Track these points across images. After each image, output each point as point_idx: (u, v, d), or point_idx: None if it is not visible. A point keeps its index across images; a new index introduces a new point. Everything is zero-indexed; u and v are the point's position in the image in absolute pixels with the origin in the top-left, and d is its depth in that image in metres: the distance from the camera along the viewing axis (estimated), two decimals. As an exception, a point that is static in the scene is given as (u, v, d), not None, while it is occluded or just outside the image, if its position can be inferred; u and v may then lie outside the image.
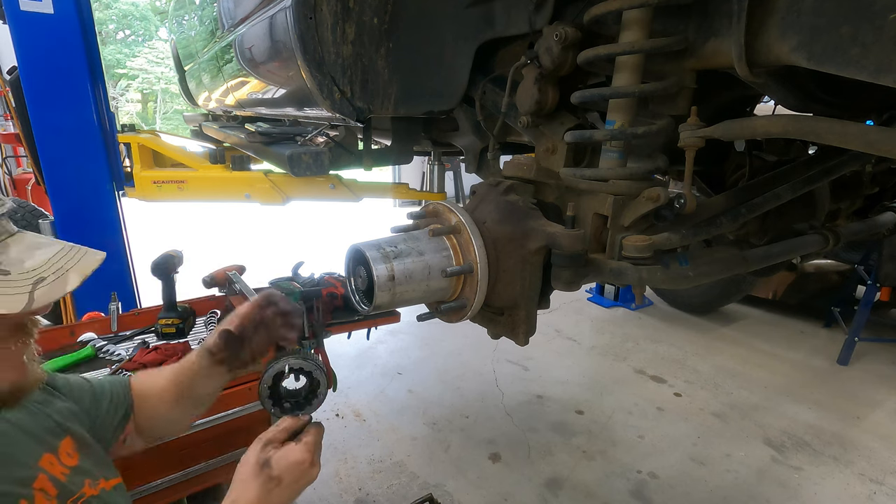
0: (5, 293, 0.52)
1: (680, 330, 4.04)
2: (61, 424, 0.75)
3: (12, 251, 0.56)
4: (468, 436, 2.59)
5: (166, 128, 15.69)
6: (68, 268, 0.57)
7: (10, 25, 1.62)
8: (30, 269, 0.55)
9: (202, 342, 0.90)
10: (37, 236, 0.61)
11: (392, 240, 0.87)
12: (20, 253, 0.56)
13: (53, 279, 0.56)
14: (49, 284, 0.55)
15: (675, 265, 0.85)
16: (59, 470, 0.68)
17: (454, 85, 1.13)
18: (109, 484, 0.76)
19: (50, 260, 0.57)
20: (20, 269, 0.55)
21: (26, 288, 0.53)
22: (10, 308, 0.52)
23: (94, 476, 0.73)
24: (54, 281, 0.55)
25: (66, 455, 0.71)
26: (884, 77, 0.52)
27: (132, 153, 2.21)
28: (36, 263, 0.56)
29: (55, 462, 0.68)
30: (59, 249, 0.60)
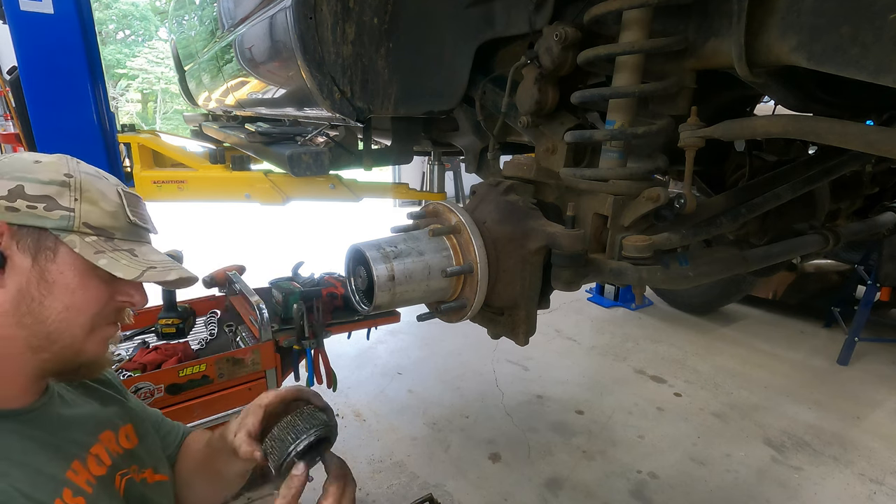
0: (129, 265, 0.69)
1: (680, 330, 4.04)
2: (128, 413, 0.85)
3: (145, 248, 0.74)
4: (468, 436, 2.59)
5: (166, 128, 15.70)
6: (173, 269, 0.74)
7: (10, 25, 1.62)
8: (150, 260, 0.72)
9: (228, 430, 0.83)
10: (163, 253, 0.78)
11: (392, 240, 0.87)
12: (148, 251, 0.74)
13: (161, 269, 0.72)
14: (157, 271, 0.71)
15: (675, 265, 0.85)
16: (114, 447, 0.77)
17: (454, 85, 1.12)
18: (155, 477, 0.82)
19: (164, 261, 0.74)
20: (143, 256, 0.72)
21: (142, 267, 0.70)
22: (126, 274, 0.67)
23: (143, 464, 0.81)
24: (161, 270, 0.72)
25: (125, 438, 0.81)
26: (884, 77, 0.52)
27: (132, 153, 2.21)
28: (155, 259, 0.73)
29: (113, 440, 0.78)
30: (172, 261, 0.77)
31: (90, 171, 0.71)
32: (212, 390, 1.56)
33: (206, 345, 1.80)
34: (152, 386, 1.44)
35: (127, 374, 1.47)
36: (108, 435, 0.77)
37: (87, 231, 0.67)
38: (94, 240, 0.67)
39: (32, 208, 0.63)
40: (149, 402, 1.44)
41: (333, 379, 1.88)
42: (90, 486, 0.68)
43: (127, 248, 0.71)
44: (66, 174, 0.67)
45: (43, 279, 0.65)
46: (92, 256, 0.66)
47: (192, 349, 1.70)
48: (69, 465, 0.67)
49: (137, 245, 0.73)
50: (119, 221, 0.71)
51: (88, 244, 0.67)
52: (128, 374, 1.47)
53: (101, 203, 0.69)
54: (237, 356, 1.60)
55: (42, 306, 0.65)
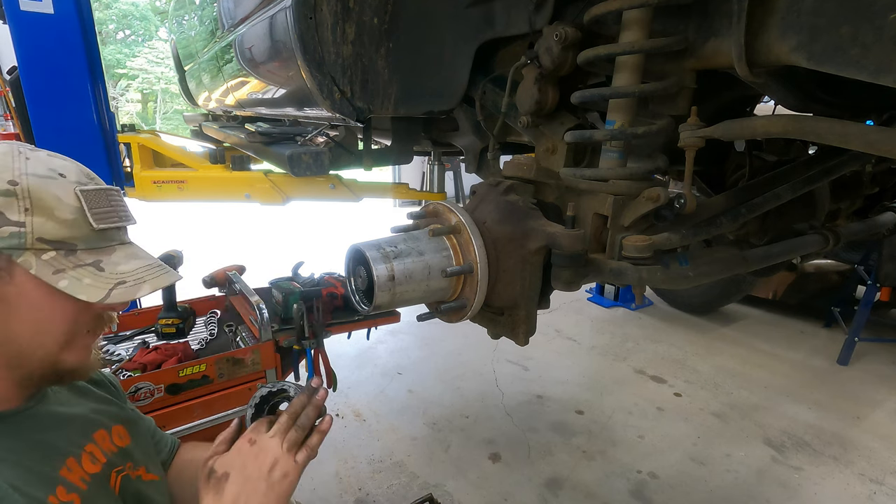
0: (92, 284, 0.62)
1: (680, 330, 4.04)
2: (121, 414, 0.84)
3: (115, 255, 0.67)
4: (468, 436, 2.59)
5: (166, 128, 15.70)
6: (146, 280, 0.67)
7: (10, 25, 1.62)
8: (119, 272, 0.65)
9: None
10: (140, 250, 0.71)
11: (392, 240, 0.87)
12: (119, 258, 0.67)
13: (131, 284, 0.65)
14: (126, 287, 0.65)
15: (675, 265, 0.85)
16: (108, 446, 0.76)
17: (454, 85, 1.13)
18: (148, 476, 0.81)
19: (137, 269, 0.67)
20: (112, 270, 0.65)
21: (108, 285, 0.63)
22: (89, 297, 0.62)
23: (136, 462, 0.80)
24: (131, 286, 0.65)
25: (118, 437, 0.79)
26: (884, 77, 0.52)
27: (132, 153, 2.21)
28: (126, 269, 0.66)
29: (107, 438, 0.77)
30: (149, 264, 0.69)
31: (40, 172, 0.61)
32: (212, 390, 1.56)
33: (206, 345, 1.80)
34: (152, 386, 1.44)
35: (127, 374, 1.47)
36: (101, 434, 0.76)
37: (43, 247, 0.60)
38: (52, 256, 0.61)
39: None
40: (149, 402, 1.44)
41: (333, 379, 1.88)
42: (84, 483, 0.67)
43: (91, 260, 0.64)
44: (10, 181, 0.58)
45: (3, 302, 0.60)
46: (50, 278, 0.60)
47: (192, 349, 1.70)
48: (63, 463, 0.67)
49: (105, 253, 0.66)
50: (80, 230, 0.63)
51: (46, 263, 0.60)
52: (128, 374, 1.47)
53: (56, 212, 0.60)
54: (237, 356, 1.60)
55: (8, 328, 0.61)
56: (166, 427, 1.46)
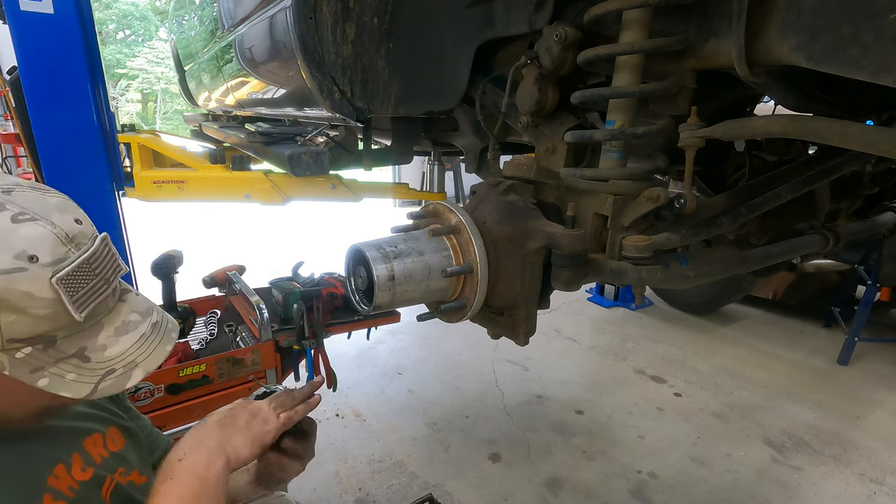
0: (77, 380, 0.57)
1: (680, 330, 4.04)
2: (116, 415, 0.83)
3: (102, 335, 0.60)
4: (468, 436, 2.59)
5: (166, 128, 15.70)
6: (138, 362, 0.62)
7: (10, 25, 1.62)
8: (106, 359, 0.59)
9: None
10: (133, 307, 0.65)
11: (392, 240, 0.87)
12: (107, 338, 0.60)
13: (121, 372, 0.60)
14: (115, 378, 0.59)
15: (675, 265, 0.85)
16: (100, 451, 0.74)
17: (454, 85, 1.13)
18: (140, 479, 0.80)
19: (127, 350, 0.61)
20: (99, 358, 0.59)
21: (95, 378, 0.58)
22: (76, 394, 0.56)
23: (129, 466, 0.79)
24: (121, 375, 0.60)
25: (111, 441, 0.77)
26: (884, 77, 0.52)
27: (132, 153, 2.21)
28: (115, 353, 0.60)
29: (100, 443, 0.75)
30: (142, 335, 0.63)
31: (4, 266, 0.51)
32: (212, 390, 1.56)
33: (206, 345, 1.80)
34: (152, 386, 1.44)
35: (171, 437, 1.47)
36: (94, 438, 0.74)
37: (16, 346, 0.54)
38: (28, 353, 0.54)
39: None
40: (149, 402, 1.44)
41: (333, 379, 1.88)
42: (72, 492, 0.66)
43: (75, 350, 0.57)
44: None
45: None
46: (28, 377, 0.54)
47: (192, 349, 1.70)
48: (51, 471, 0.64)
49: (90, 337, 0.59)
50: (59, 321, 0.55)
51: (21, 362, 0.54)
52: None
53: (28, 310, 0.53)
54: (237, 356, 1.60)
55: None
56: (166, 427, 1.46)
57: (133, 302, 0.66)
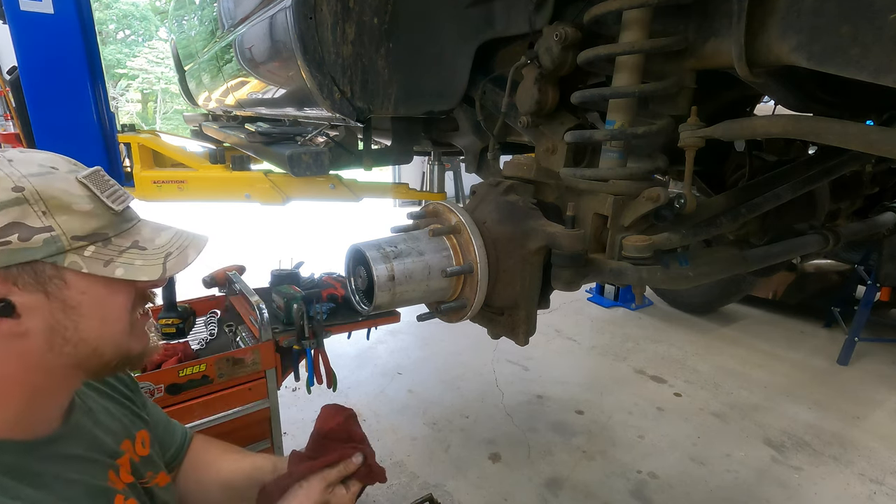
0: (146, 264, 0.62)
1: (680, 330, 4.04)
2: (141, 417, 0.84)
3: (144, 232, 0.66)
4: (468, 436, 2.59)
5: (166, 128, 15.70)
6: (186, 245, 0.68)
7: (10, 25, 1.62)
8: (160, 246, 0.65)
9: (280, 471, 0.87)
10: (156, 222, 0.70)
11: (392, 240, 0.87)
12: (150, 233, 0.66)
13: (178, 253, 0.66)
14: (175, 257, 0.65)
15: (675, 265, 0.85)
16: (133, 456, 0.76)
17: (454, 85, 1.13)
18: (165, 480, 0.81)
19: (172, 239, 0.67)
20: (153, 246, 0.64)
21: (160, 260, 0.63)
22: (151, 276, 0.62)
23: (157, 469, 0.81)
24: (179, 255, 0.65)
25: (141, 444, 0.79)
26: (884, 77, 0.52)
27: (132, 153, 2.21)
28: (163, 241, 0.66)
29: (131, 447, 0.77)
30: (176, 232, 0.69)
31: (34, 171, 0.57)
32: (212, 390, 1.56)
33: (206, 345, 1.80)
34: (152, 386, 1.44)
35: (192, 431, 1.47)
36: (127, 444, 0.76)
37: (81, 244, 0.58)
38: (93, 250, 0.59)
39: (6, 244, 0.53)
40: (149, 402, 1.44)
41: (333, 379, 1.88)
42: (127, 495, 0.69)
43: (130, 242, 0.63)
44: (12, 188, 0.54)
45: (67, 307, 0.59)
46: (105, 271, 0.59)
47: (192, 349, 1.70)
48: (107, 477, 0.68)
49: (136, 233, 0.65)
50: (104, 218, 0.61)
51: (92, 259, 0.59)
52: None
53: (74, 206, 0.58)
54: (237, 356, 1.60)
55: (78, 331, 0.60)
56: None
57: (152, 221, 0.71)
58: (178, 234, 0.69)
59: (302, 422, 2.60)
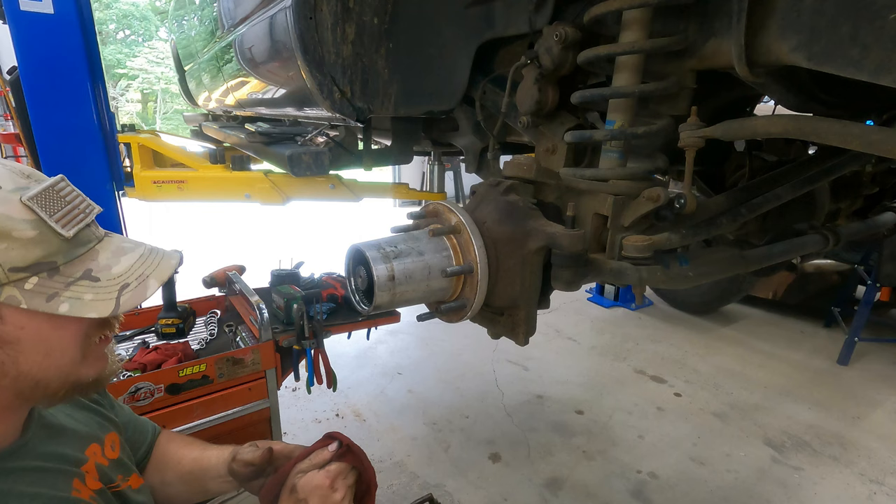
0: (96, 298, 0.56)
1: (680, 330, 4.04)
2: (109, 419, 0.82)
3: (101, 257, 0.60)
4: (468, 436, 2.59)
5: (166, 128, 15.70)
6: (148, 274, 0.61)
7: (10, 25, 1.62)
8: (116, 276, 0.59)
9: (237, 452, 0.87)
10: (122, 240, 0.65)
11: (392, 240, 0.87)
12: (108, 259, 0.60)
13: (136, 285, 0.60)
14: (132, 290, 0.59)
15: (675, 265, 0.85)
16: (101, 460, 0.74)
17: (454, 85, 1.12)
18: (137, 483, 0.80)
19: (133, 266, 0.61)
20: (108, 276, 0.58)
21: (113, 294, 0.58)
22: (101, 312, 0.56)
23: (128, 471, 0.79)
24: (137, 287, 0.60)
25: (110, 448, 0.77)
26: (884, 77, 0.52)
27: (132, 153, 2.21)
28: (121, 269, 0.60)
29: (99, 452, 0.74)
30: (141, 254, 0.63)
31: None
32: (212, 390, 1.56)
33: (206, 345, 1.79)
34: (152, 386, 1.44)
35: (127, 374, 1.47)
36: (94, 448, 0.73)
37: (21, 276, 0.52)
38: (35, 282, 0.53)
39: None
40: (149, 402, 1.44)
41: (333, 379, 1.88)
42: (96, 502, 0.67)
43: (82, 272, 0.57)
44: None
45: (3, 342, 0.54)
46: (47, 306, 0.53)
47: (192, 349, 1.70)
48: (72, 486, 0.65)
49: (90, 259, 0.58)
50: (51, 244, 0.54)
51: (34, 293, 0.53)
52: (128, 374, 1.47)
53: (14, 233, 0.52)
54: (237, 356, 1.60)
55: (17, 364, 0.56)
56: (166, 427, 1.46)
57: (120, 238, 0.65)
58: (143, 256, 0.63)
59: (302, 422, 2.60)
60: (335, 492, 0.75)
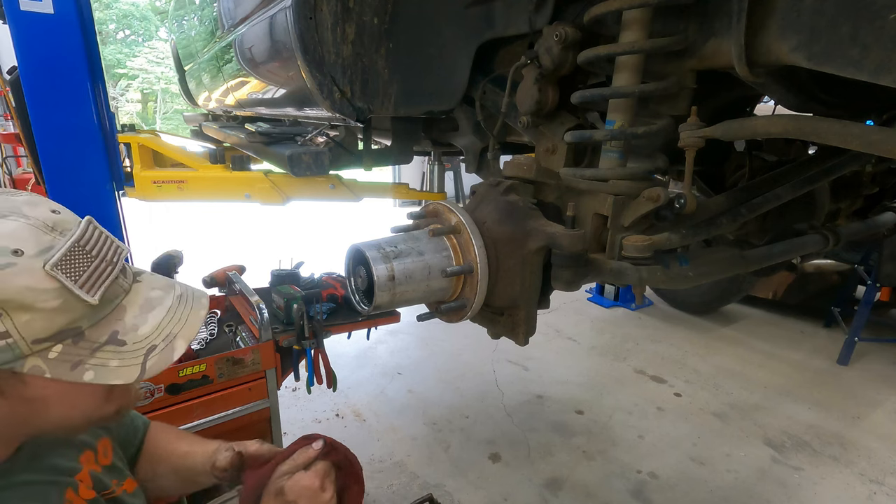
0: (122, 364, 0.55)
1: (680, 330, 4.04)
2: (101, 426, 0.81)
3: (128, 316, 0.57)
4: (468, 436, 2.59)
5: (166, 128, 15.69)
6: (176, 333, 0.60)
7: (10, 25, 1.61)
8: (143, 337, 0.57)
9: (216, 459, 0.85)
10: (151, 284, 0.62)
11: (392, 240, 0.87)
12: (135, 318, 0.58)
13: (163, 347, 0.58)
14: (159, 353, 0.57)
15: (675, 265, 0.85)
16: (94, 467, 0.72)
17: (454, 85, 1.12)
18: (132, 486, 0.79)
19: (160, 324, 0.59)
20: (135, 338, 0.57)
21: (139, 359, 0.56)
22: (126, 379, 0.55)
23: (122, 476, 0.78)
24: (164, 349, 0.58)
25: (103, 454, 0.76)
26: (884, 77, 0.52)
27: (132, 153, 2.21)
28: (149, 329, 0.58)
29: (92, 459, 0.73)
30: (169, 308, 0.61)
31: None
32: (212, 390, 1.56)
33: (206, 345, 1.80)
34: (152, 386, 1.44)
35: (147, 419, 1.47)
36: (87, 456, 0.73)
37: (45, 346, 0.51)
38: (60, 350, 0.51)
39: None
40: (149, 402, 1.44)
41: (333, 379, 1.88)
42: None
43: (107, 336, 0.55)
44: None
45: (27, 402, 0.54)
46: (72, 375, 0.52)
47: (192, 349, 1.70)
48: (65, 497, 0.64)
49: (116, 320, 0.56)
50: (76, 311, 0.52)
51: (58, 361, 0.51)
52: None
53: (38, 304, 0.49)
54: (237, 356, 1.60)
55: (41, 416, 0.56)
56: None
57: (150, 280, 0.63)
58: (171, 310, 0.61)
59: (302, 422, 2.60)
60: (324, 492, 0.74)
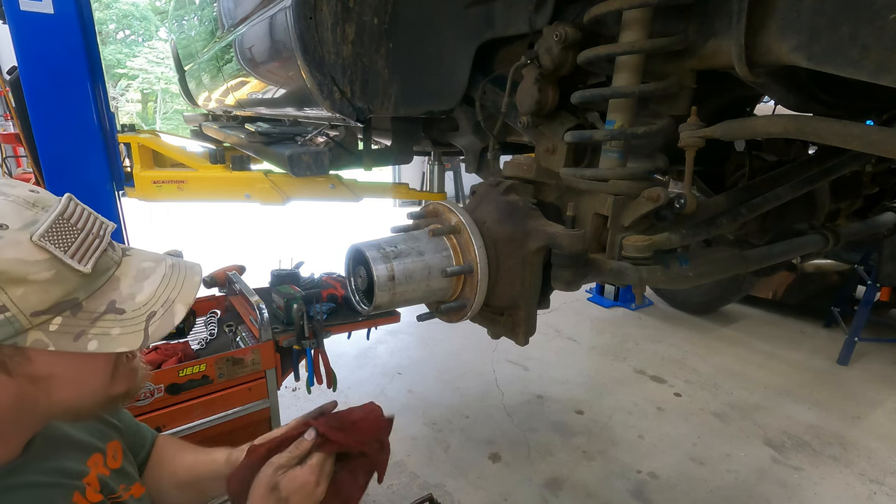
0: (124, 332, 0.55)
1: (680, 330, 4.04)
2: (112, 425, 0.81)
3: (123, 286, 0.58)
4: (468, 436, 2.59)
5: (166, 128, 15.69)
6: (174, 298, 0.60)
7: (10, 25, 1.62)
8: (141, 304, 0.57)
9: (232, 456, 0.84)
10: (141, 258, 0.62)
11: (392, 240, 0.87)
12: (130, 287, 0.58)
13: (163, 312, 0.58)
14: (160, 319, 0.57)
15: (675, 265, 0.85)
16: (102, 470, 0.72)
17: (454, 85, 1.12)
18: (139, 491, 0.79)
19: (157, 291, 0.59)
20: (133, 306, 0.57)
21: (141, 325, 0.56)
22: (131, 346, 0.55)
23: (130, 480, 0.77)
24: (164, 314, 0.58)
25: (112, 457, 0.76)
26: (884, 77, 0.52)
27: (132, 153, 2.21)
28: (146, 297, 0.58)
29: (101, 462, 0.72)
30: (163, 276, 0.61)
31: None
32: (212, 390, 1.56)
33: (206, 345, 1.80)
34: (152, 386, 1.44)
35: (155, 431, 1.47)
36: (96, 459, 0.73)
37: (44, 318, 0.51)
38: (60, 322, 0.52)
39: None
40: (149, 402, 1.44)
41: (333, 379, 1.88)
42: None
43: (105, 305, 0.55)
44: None
45: (34, 381, 0.54)
46: (76, 346, 0.52)
47: (192, 349, 1.70)
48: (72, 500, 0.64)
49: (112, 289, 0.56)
50: (70, 281, 0.52)
51: (59, 333, 0.52)
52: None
53: (30, 276, 0.49)
54: (237, 356, 1.60)
55: (49, 397, 0.56)
56: (166, 427, 1.47)
57: (140, 254, 0.63)
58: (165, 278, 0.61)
59: (302, 422, 2.60)
60: (318, 486, 0.73)
